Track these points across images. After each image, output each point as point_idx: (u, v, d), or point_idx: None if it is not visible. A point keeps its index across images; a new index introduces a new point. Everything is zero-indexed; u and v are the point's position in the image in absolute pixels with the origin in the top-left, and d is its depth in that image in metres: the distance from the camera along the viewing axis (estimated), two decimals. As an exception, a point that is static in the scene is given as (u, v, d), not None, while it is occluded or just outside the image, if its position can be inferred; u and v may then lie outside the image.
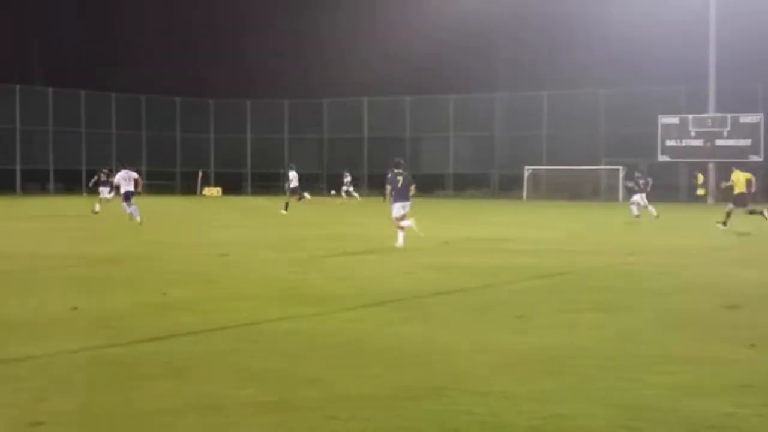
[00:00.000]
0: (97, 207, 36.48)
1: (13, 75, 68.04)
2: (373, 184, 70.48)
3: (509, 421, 6.54)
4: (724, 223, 28.06)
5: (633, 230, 29.45)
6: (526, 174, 65.34)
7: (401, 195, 22.20)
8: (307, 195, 42.30)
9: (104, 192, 39.33)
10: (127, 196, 31.19)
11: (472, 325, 10.54)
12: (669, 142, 61.72)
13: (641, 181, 35.16)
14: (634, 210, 34.40)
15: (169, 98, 74.89)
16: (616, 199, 59.20)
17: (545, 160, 65.78)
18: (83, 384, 7.50)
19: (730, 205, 28.83)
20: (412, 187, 22.62)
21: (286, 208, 38.54)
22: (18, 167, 67.04)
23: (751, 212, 28.75)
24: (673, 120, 61.86)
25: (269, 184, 74.00)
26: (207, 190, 71.96)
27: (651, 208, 34.46)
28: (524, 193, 64.65)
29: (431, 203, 50.46)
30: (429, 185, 68.37)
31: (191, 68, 75.49)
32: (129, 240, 23.66)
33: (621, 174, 60.03)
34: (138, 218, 29.97)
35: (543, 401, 7.06)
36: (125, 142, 73.61)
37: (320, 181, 73.64)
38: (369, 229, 28.85)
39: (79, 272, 15.99)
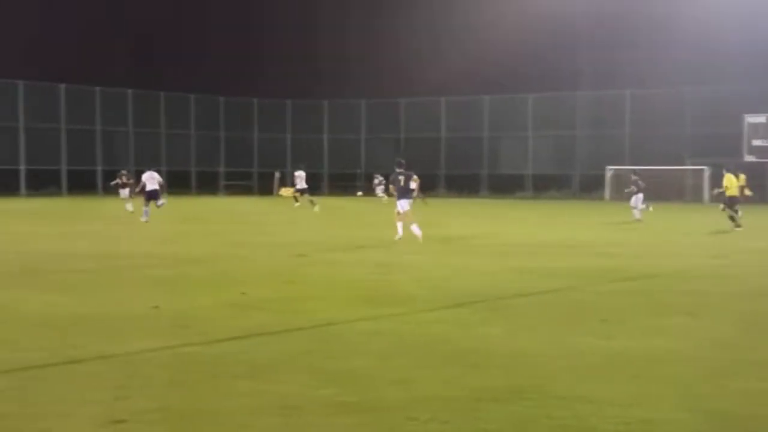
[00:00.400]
0: (130, 207, 37.41)
1: (95, 77, 69.27)
2: (451, 185, 70.35)
3: (593, 425, 6.41)
4: (738, 226, 28.48)
5: (719, 232, 28.89)
6: (608, 174, 64.49)
7: (403, 193, 23.57)
8: (316, 207, 42.12)
9: (124, 193, 41.36)
10: (150, 196, 33.04)
11: (555, 328, 10.38)
12: (756, 142, 60.51)
13: (640, 183, 35.02)
14: (636, 214, 34.12)
15: (247, 99, 75.51)
16: (701, 200, 58.17)
17: (628, 160, 64.82)
18: (164, 382, 7.54)
19: (721, 206, 29.83)
20: (416, 185, 23.78)
21: (312, 204, 40.11)
22: (99, 168, 68.17)
23: (731, 217, 29.17)
24: (760, 119, 60.61)
25: (346, 184, 74.22)
26: (283, 191, 72.32)
27: (640, 209, 34.26)
28: (606, 194, 63.82)
29: (510, 204, 50.17)
30: (508, 186, 67.98)
31: (269, 69, 75.99)
32: (210, 240, 23.87)
33: (706, 174, 58.94)
34: (145, 219, 31.84)
35: (628, 406, 6.91)
36: (203, 143, 74.52)
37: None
38: (449, 229, 28.71)
39: (161, 272, 16.15)
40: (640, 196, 34.55)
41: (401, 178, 23.67)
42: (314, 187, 73.83)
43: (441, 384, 7.58)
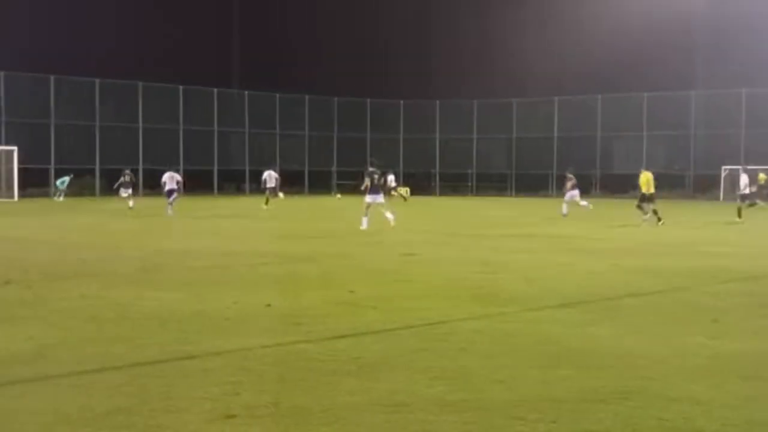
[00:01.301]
0: (170, 211, 37.87)
1: (212, 79, 70.69)
2: (561, 184, 69.55)
3: (702, 427, 6.33)
4: (659, 219, 30.40)
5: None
6: (723, 174, 63.02)
7: (375, 189, 27.47)
8: (281, 195, 46.00)
9: (124, 193, 42.84)
10: (169, 194, 37.23)
11: (664, 329, 10.23)
12: None
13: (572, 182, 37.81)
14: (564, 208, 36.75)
15: (361, 100, 76.01)
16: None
17: (744, 160, 63.18)
18: (275, 379, 7.68)
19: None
20: (393, 182, 26.91)
21: (266, 203, 42.45)
22: (215, 168, 69.49)
23: (648, 212, 31.32)
24: None
25: (457, 184, 74.08)
26: (396, 190, 72.66)
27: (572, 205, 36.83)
28: (721, 194, 62.38)
29: (622, 204, 49.40)
30: (621, 185, 66.80)
31: (381, 69, 76.37)
32: (320, 239, 24.13)
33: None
34: (170, 212, 35.70)
35: (738, 408, 6.80)
36: (317, 143, 75.31)
37: (506, 181, 73.33)
38: (558, 229, 28.51)
39: (273, 269, 16.40)
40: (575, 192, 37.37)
41: (375, 176, 27.67)
42: (425, 187, 74.14)
43: (548, 384, 7.56)
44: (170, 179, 38.09)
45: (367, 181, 27.60)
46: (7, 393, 7.16)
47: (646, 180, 31.97)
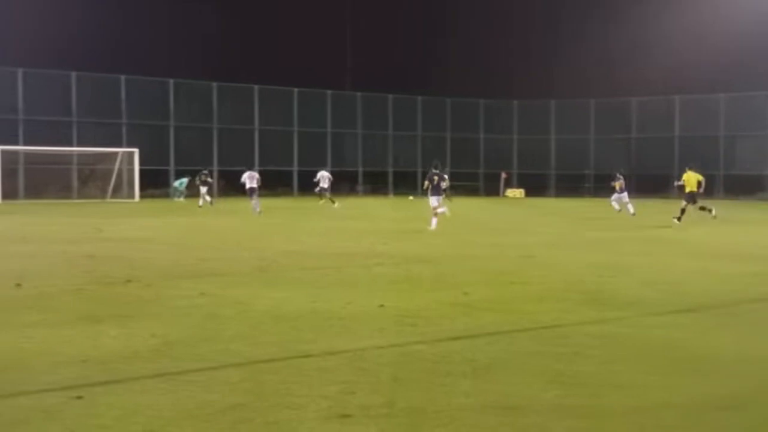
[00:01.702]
0: (201, 202, 41.07)
1: (326, 81, 71.42)
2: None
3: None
4: (679, 219, 30.77)
5: None
6: None
7: (436, 190, 28.91)
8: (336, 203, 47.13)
9: (203, 190, 46.61)
10: (250, 192, 39.38)
11: (790, 335, 9.95)
12: None
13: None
14: (615, 206, 38.31)
15: (474, 100, 75.78)
16: None
17: None
18: (389, 379, 7.69)
19: (683, 203, 31.68)
20: (446, 184, 29.86)
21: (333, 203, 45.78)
22: (329, 169, 70.07)
23: (701, 208, 31.65)
24: None
25: (574, 185, 73.17)
26: (510, 192, 72.18)
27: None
28: None
29: (748, 206, 48.20)
30: (745, 187, 65.20)
31: (495, 69, 75.98)
32: (435, 240, 24.11)
33: None
34: (258, 209, 37.28)
35: None
36: (430, 144, 75.33)
37: (625, 182, 72.01)
38: (678, 231, 27.94)
39: (387, 270, 16.45)
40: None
41: (435, 177, 28.99)
42: (541, 188, 73.52)
43: (668, 390, 7.40)
44: (250, 178, 40.20)
45: (427, 183, 29.61)
46: (130, 389, 7.33)
47: (689, 179, 31.99)
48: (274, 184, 67.06)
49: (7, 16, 63.92)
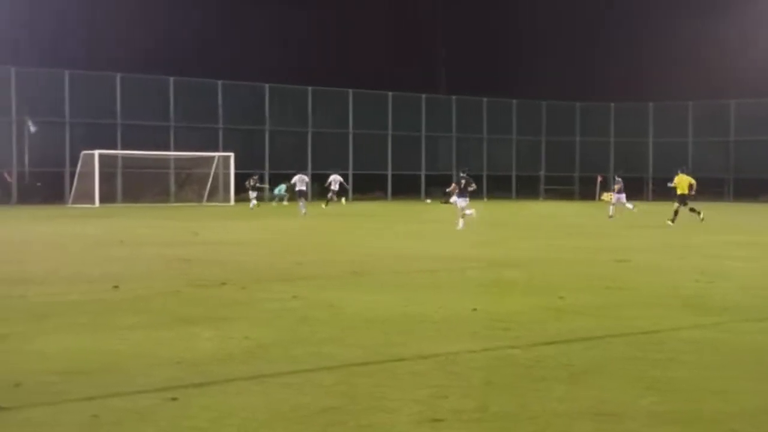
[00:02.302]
0: (303, 210, 40.77)
1: (419, 85, 71.54)
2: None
3: None
4: (672, 220, 32.25)
5: None
6: None
7: (463, 193, 31.42)
8: (342, 200, 51.16)
9: (252, 195, 49.41)
10: (300, 194, 42.23)
11: None
12: None
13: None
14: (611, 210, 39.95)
15: (569, 103, 75.11)
16: None
17: None
18: (482, 383, 7.64)
19: (676, 204, 33.38)
20: (473, 188, 32.00)
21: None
22: (422, 173, 70.14)
23: (691, 210, 33.13)
24: None
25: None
26: (605, 195, 71.28)
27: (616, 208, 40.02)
28: None
29: None
30: None
31: (590, 71, 75.12)
32: (528, 244, 23.95)
33: None
34: (304, 211, 39.74)
35: None
36: (525, 148, 74.94)
37: (723, 186, 70.55)
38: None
39: (480, 274, 16.39)
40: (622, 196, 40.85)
41: (463, 181, 31.62)
42: (637, 191, 72.41)
43: (764, 396, 7.25)
44: (300, 181, 43.00)
45: (454, 186, 33.59)
46: (224, 390, 7.40)
47: (681, 182, 33.87)
48: (368, 188, 67.42)
49: (106, 23, 65.50)
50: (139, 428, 6.31)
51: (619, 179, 41.69)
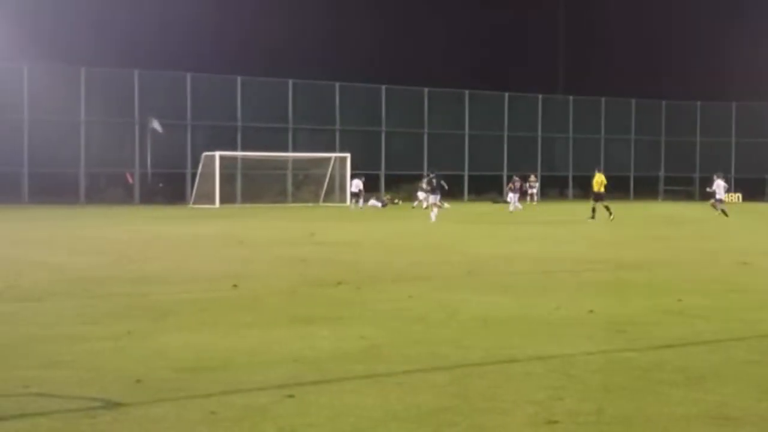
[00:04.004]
0: (353, 207, 43.30)
1: (538, 85, 71.07)
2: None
3: None
4: (592, 217, 35.83)
5: None
6: None
7: (434, 191, 37.46)
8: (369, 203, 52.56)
9: (421, 196, 49.85)
10: (353, 196, 45.63)
11: None
12: None
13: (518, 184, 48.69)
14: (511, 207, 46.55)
15: (691, 103, 73.67)
16: None
17: None
18: (598, 386, 7.57)
19: (592, 202, 37.42)
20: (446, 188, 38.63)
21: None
22: (539, 174, 69.61)
23: (606, 207, 36.50)
24: None
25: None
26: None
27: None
28: None
29: None
30: None
31: (711, 70, 73.41)
32: (647, 246, 23.59)
33: None
34: (353, 209, 43.40)
35: None
36: (644, 148, 73.77)
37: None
38: None
39: (597, 276, 16.21)
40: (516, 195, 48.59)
41: (434, 181, 37.68)
42: (759, 192, 70.41)
43: None
44: (355, 185, 47.43)
45: (423, 183, 40.07)
46: (341, 388, 7.48)
47: (598, 181, 37.81)
48: (483, 189, 67.26)
49: (225, 27, 66.73)
50: (257, 425, 6.42)
51: (517, 179, 47.89)
